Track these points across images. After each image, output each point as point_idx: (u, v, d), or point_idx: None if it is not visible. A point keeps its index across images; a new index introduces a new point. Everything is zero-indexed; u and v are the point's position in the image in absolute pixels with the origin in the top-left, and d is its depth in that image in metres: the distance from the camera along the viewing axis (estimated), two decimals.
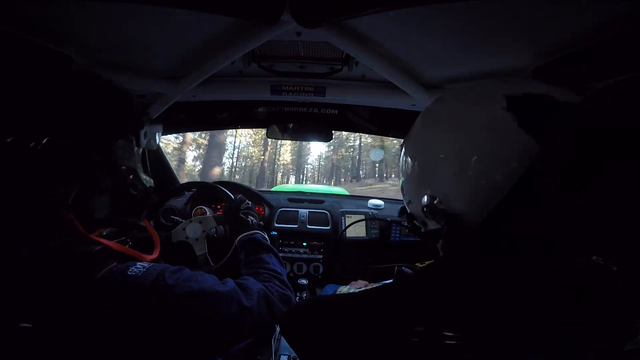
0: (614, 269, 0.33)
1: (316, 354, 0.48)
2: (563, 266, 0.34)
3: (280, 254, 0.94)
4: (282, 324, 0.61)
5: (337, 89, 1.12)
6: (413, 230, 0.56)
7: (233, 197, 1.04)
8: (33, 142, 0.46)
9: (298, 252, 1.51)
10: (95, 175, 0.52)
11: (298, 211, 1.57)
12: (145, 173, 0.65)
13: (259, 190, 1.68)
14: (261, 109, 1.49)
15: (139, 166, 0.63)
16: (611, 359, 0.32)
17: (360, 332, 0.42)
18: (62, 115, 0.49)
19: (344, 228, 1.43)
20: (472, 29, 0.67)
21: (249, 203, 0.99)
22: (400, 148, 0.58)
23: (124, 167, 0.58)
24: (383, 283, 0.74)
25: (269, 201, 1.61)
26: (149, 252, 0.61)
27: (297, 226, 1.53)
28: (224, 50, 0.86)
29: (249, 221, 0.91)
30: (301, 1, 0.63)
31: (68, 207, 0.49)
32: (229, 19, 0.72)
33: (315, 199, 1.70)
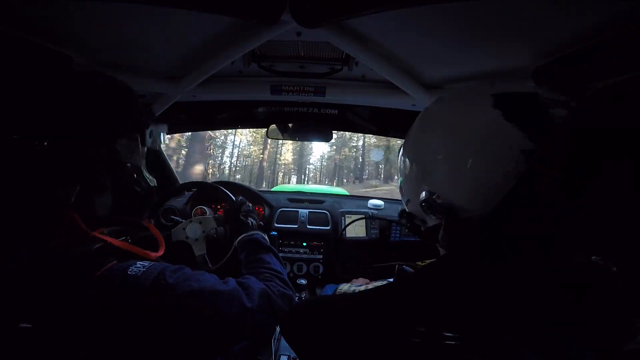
0: (614, 269, 0.33)
1: (316, 354, 0.49)
2: (563, 266, 0.35)
3: (280, 254, 0.94)
4: (282, 324, 0.61)
5: (337, 89, 1.12)
6: (413, 229, 0.56)
7: (234, 198, 1.04)
8: (33, 142, 0.45)
9: (298, 252, 1.51)
10: (96, 175, 0.52)
11: (298, 211, 1.57)
12: (148, 172, 0.65)
13: (259, 190, 1.68)
14: (261, 109, 1.49)
15: (144, 163, 0.63)
16: (611, 359, 0.32)
17: (360, 332, 0.42)
18: (63, 115, 0.49)
19: (343, 227, 1.43)
20: (472, 28, 0.67)
21: (250, 205, 0.99)
22: (400, 148, 0.58)
23: (129, 164, 0.58)
24: (383, 281, 0.74)
25: (269, 201, 1.60)
26: (151, 251, 0.61)
27: (297, 226, 1.53)
28: (224, 50, 0.86)
29: (249, 223, 0.91)
30: (301, 1, 0.63)
31: (69, 206, 0.49)
32: (229, 19, 0.72)
33: (315, 199, 1.70)
